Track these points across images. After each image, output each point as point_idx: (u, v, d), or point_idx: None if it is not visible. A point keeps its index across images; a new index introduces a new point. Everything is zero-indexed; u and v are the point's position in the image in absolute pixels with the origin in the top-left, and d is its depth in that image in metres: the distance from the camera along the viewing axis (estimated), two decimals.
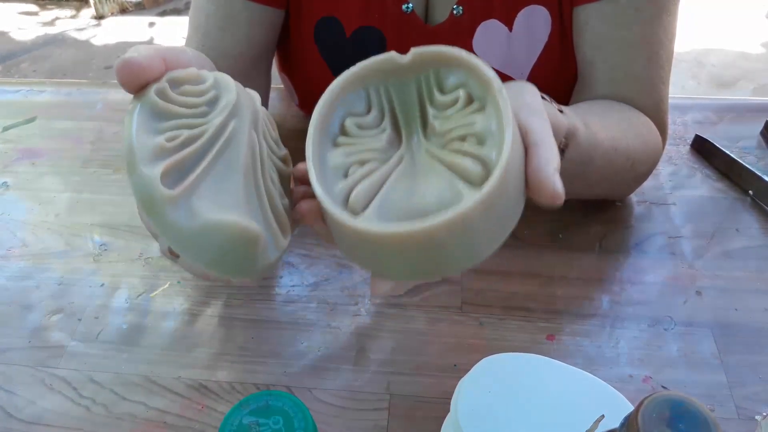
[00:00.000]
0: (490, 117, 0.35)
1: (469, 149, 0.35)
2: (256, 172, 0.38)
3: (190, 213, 0.33)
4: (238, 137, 0.37)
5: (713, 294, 0.59)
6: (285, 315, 0.58)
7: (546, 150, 0.36)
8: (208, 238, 0.33)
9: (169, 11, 3.22)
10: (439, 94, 0.38)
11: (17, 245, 0.66)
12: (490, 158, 0.34)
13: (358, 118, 0.39)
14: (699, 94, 2.47)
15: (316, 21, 0.66)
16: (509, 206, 0.35)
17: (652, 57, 0.61)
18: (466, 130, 0.36)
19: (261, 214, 0.37)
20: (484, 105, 0.37)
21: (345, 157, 0.37)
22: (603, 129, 0.54)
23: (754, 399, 0.51)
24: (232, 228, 0.33)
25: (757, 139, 0.77)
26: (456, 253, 0.34)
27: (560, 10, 0.62)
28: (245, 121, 0.38)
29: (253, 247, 0.34)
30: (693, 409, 0.28)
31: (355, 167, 0.37)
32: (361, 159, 0.37)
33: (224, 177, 0.35)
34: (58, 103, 0.86)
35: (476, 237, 0.34)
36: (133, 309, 0.59)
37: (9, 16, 3.21)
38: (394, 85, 0.39)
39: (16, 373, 0.54)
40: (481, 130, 0.35)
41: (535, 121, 0.37)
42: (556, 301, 0.59)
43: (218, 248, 0.33)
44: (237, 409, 0.35)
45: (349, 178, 0.36)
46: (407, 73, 0.39)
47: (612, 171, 0.58)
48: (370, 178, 0.36)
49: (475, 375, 0.45)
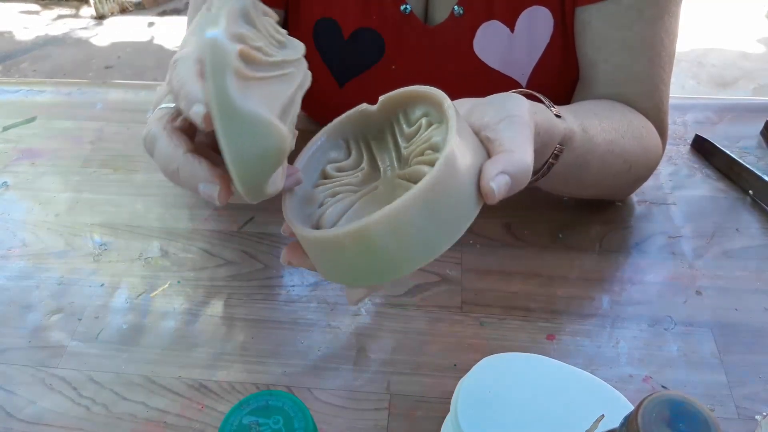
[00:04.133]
0: (445, 130, 0.38)
1: (425, 159, 0.38)
2: (288, 113, 0.39)
3: (246, 96, 0.33)
4: (292, 81, 0.39)
5: (713, 294, 0.59)
6: (285, 315, 0.58)
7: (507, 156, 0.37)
8: (251, 126, 0.33)
9: (169, 11, 3.22)
10: (407, 127, 0.42)
11: (17, 245, 0.66)
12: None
13: (338, 163, 0.43)
14: (699, 94, 2.47)
15: (314, 22, 0.66)
16: (451, 204, 0.36)
17: (653, 58, 0.61)
18: (424, 146, 0.39)
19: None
20: (440, 122, 0.40)
21: (320, 194, 0.41)
22: (601, 132, 0.54)
23: (754, 399, 0.51)
24: (275, 129, 0.33)
25: (757, 139, 0.77)
26: (394, 252, 0.35)
27: (562, 10, 0.62)
28: (300, 76, 0.40)
29: (281, 156, 0.35)
30: (693, 409, 0.28)
31: (329, 199, 0.41)
32: (334, 192, 0.41)
33: (277, 95, 0.37)
34: (58, 103, 0.86)
35: (413, 234, 0.35)
36: (133, 309, 0.59)
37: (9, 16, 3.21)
38: (370, 130, 0.43)
39: (16, 373, 0.54)
40: (437, 141, 0.38)
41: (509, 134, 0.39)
42: (556, 301, 0.59)
43: (254, 140, 0.33)
44: (237, 409, 0.35)
45: (321, 207, 0.40)
46: (379, 118, 0.43)
47: (609, 173, 0.58)
48: (339, 204, 0.40)
49: (475, 375, 0.45)
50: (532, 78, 0.66)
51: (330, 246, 0.36)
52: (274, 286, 0.61)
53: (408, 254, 0.36)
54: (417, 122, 0.41)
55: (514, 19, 0.63)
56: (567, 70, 0.66)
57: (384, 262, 0.36)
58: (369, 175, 0.42)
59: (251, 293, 0.60)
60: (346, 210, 0.40)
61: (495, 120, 0.40)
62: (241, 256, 0.64)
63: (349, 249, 0.36)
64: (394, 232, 0.34)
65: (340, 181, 0.42)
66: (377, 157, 0.43)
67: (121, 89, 0.89)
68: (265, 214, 0.67)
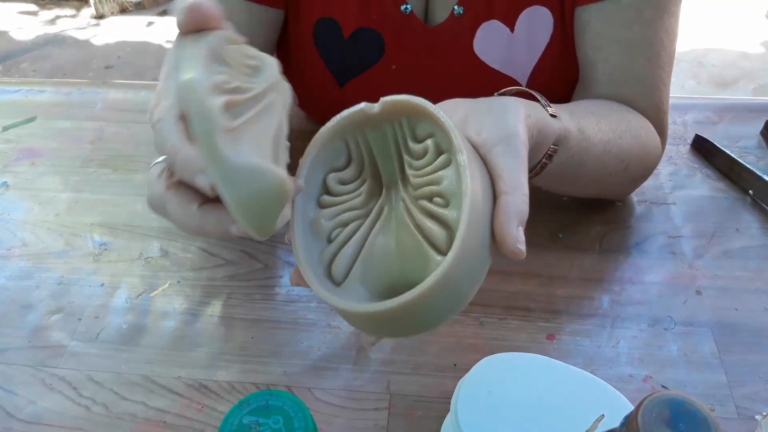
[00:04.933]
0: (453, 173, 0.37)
1: (434, 210, 0.37)
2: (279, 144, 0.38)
3: (238, 150, 0.33)
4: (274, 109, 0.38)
5: (713, 294, 0.59)
6: (285, 315, 0.58)
7: (514, 201, 0.37)
8: (250, 178, 0.33)
9: (169, 11, 3.22)
10: (412, 142, 0.39)
11: (17, 245, 0.66)
12: (453, 220, 0.36)
13: (339, 173, 0.41)
14: (699, 94, 2.47)
15: (315, 22, 0.66)
16: (475, 263, 0.36)
17: (652, 58, 0.61)
18: (433, 189, 0.38)
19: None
20: (450, 159, 0.38)
21: (328, 221, 0.40)
22: (598, 132, 0.54)
23: (754, 399, 0.51)
24: (273, 176, 0.34)
25: (757, 139, 0.77)
26: (425, 318, 0.36)
27: (562, 10, 0.62)
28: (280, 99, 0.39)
29: (284, 199, 0.35)
30: (693, 409, 0.28)
31: (338, 230, 0.39)
32: (343, 220, 0.40)
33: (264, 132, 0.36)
34: (58, 103, 0.86)
35: (443, 303, 0.36)
36: (133, 309, 0.59)
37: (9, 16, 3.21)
38: (371, 134, 0.41)
39: (16, 373, 0.54)
40: (447, 189, 0.37)
41: (507, 165, 0.38)
42: (556, 301, 0.59)
43: (255, 190, 0.33)
44: (237, 409, 0.35)
45: (332, 244, 0.39)
46: (381, 121, 0.40)
47: (605, 173, 0.58)
48: (350, 243, 0.39)
49: (475, 375, 0.45)
50: (531, 78, 0.66)
51: (357, 318, 0.37)
52: (274, 286, 0.61)
53: (436, 319, 0.37)
54: (423, 142, 0.39)
55: (514, 18, 0.63)
56: (567, 69, 0.66)
57: (411, 326, 0.37)
58: (372, 189, 0.41)
59: (251, 293, 0.60)
60: (358, 251, 0.39)
61: (494, 139, 0.39)
62: (241, 256, 0.64)
63: (375, 321, 0.36)
64: (423, 309, 0.35)
65: (344, 204, 0.40)
66: (379, 165, 0.41)
67: (121, 89, 0.89)
68: None
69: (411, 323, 0.36)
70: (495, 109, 0.42)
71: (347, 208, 0.40)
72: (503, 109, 0.41)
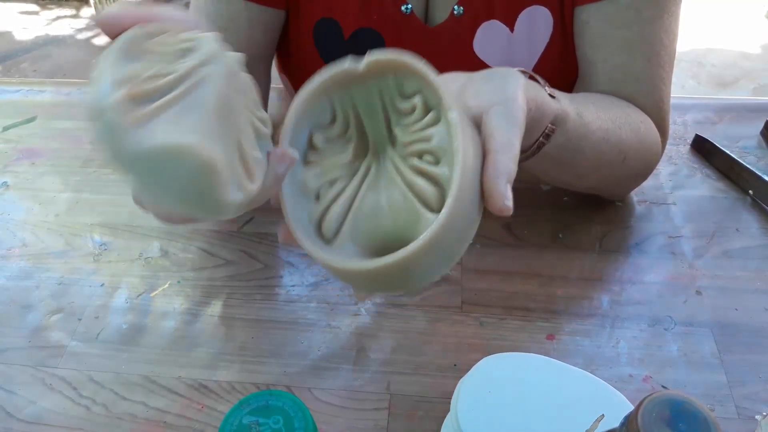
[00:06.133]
0: (444, 131, 0.37)
1: (425, 168, 0.37)
2: (227, 116, 0.36)
3: (149, 135, 0.31)
4: (210, 83, 0.35)
5: (713, 294, 0.59)
6: (285, 315, 0.58)
7: (503, 159, 0.37)
8: (166, 162, 0.31)
9: None
10: (399, 100, 0.39)
11: (17, 245, 0.66)
12: (445, 178, 0.36)
13: (325, 131, 0.40)
14: (699, 94, 2.47)
15: (315, 22, 0.66)
16: (466, 221, 0.36)
17: (652, 57, 0.61)
18: (423, 146, 0.37)
19: (225, 149, 0.35)
20: (438, 116, 0.38)
21: (316, 179, 0.39)
22: (596, 120, 0.54)
23: (754, 399, 0.51)
24: (189, 150, 0.31)
25: (757, 139, 0.77)
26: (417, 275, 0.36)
27: (561, 10, 0.62)
28: (220, 71, 0.36)
29: (212, 174, 0.32)
30: (693, 409, 0.28)
31: (326, 188, 0.39)
32: (331, 178, 0.39)
33: (191, 110, 0.34)
34: (58, 103, 0.86)
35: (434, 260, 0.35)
36: (133, 309, 0.59)
37: (9, 16, 3.21)
38: (357, 92, 0.40)
39: (16, 373, 0.54)
40: (437, 147, 0.37)
41: (501, 127, 0.38)
42: (556, 301, 0.59)
43: (175, 173, 0.31)
44: (237, 409, 0.35)
45: (320, 202, 0.39)
46: (367, 79, 0.39)
47: (603, 162, 0.58)
48: (339, 201, 0.38)
49: (475, 375, 0.45)
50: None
51: (343, 273, 0.37)
52: (273, 286, 0.61)
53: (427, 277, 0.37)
54: (411, 99, 0.39)
55: (513, 18, 0.63)
56: (566, 69, 0.66)
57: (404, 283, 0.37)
58: (359, 149, 0.40)
59: (251, 293, 0.60)
60: (347, 210, 0.38)
61: (491, 102, 0.39)
62: (241, 256, 0.64)
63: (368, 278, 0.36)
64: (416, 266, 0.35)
65: (331, 161, 0.40)
66: (365, 124, 0.41)
67: None
68: (265, 214, 0.67)
69: (403, 280, 0.36)
70: (495, 76, 0.42)
71: (334, 165, 0.40)
72: (503, 76, 0.41)
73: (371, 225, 0.38)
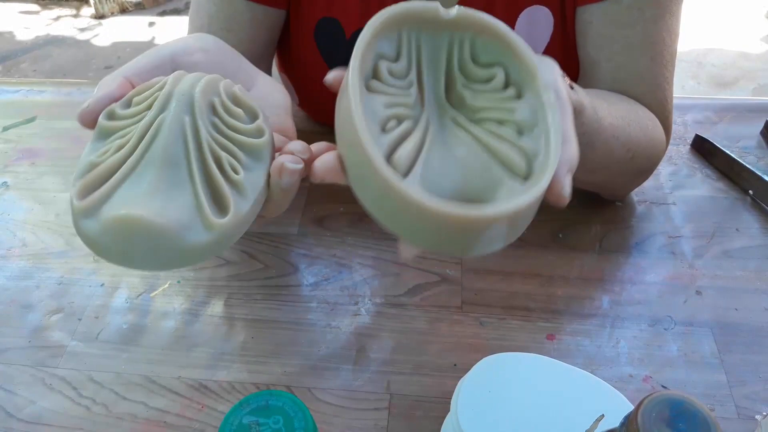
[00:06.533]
0: (531, 107, 0.36)
1: (509, 137, 0.36)
2: (186, 159, 0.36)
3: (98, 218, 0.34)
4: (164, 130, 0.36)
5: (713, 294, 0.59)
6: (285, 315, 0.58)
7: (565, 149, 0.37)
8: (110, 237, 0.33)
9: (169, 11, 3.22)
10: (473, 65, 0.38)
11: (17, 245, 0.66)
12: (534, 153, 0.35)
13: (390, 63, 0.38)
14: (699, 93, 2.47)
15: (316, 22, 0.66)
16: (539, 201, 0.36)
17: (655, 57, 0.61)
18: (503, 115, 0.37)
19: (185, 200, 0.35)
20: (521, 91, 0.37)
21: (384, 109, 0.36)
22: (608, 116, 0.54)
23: (754, 399, 0.51)
24: (122, 221, 0.33)
25: (757, 139, 0.77)
26: (491, 240, 0.34)
27: (562, 10, 0.62)
28: (176, 111, 0.37)
29: (159, 236, 0.33)
30: (693, 409, 0.28)
31: (393, 122, 0.36)
32: (398, 115, 0.36)
33: (143, 174, 0.35)
34: (58, 103, 0.86)
35: (514, 229, 0.35)
36: (133, 309, 0.59)
37: (9, 16, 3.21)
38: (426, 37, 0.38)
39: (16, 373, 0.54)
40: (522, 120, 0.36)
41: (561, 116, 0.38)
42: (557, 301, 0.59)
43: (124, 242, 0.33)
44: (237, 409, 0.35)
45: (389, 134, 0.35)
46: (444, 28, 0.38)
47: (612, 160, 0.58)
48: (410, 141, 0.36)
49: (475, 375, 0.45)
50: None
51: (426, 215, 0.32)
52: (274, 286, 0.61)
53: (493, 245, 0.35)
54: (488, 67, 0.37)
55: (514, 18, 0.63)
56: (567, 69, 0.65)
57: (470, 246, 0.34)
58: (417, 96, 0.38)
59: (251, 293, 0.60)
60: (417, 152, 0.35)
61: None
62: (241, 256, 0.64)
63: (450, 228, 0.33)
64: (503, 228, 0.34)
65: (398, 98, 0.37)
66: (424, 74, 0.38)
67: None
68: None
69: (474, 239, 0.34)
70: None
71: (400, 102, 0.37)
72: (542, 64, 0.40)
73: (443, 175, 0.35)
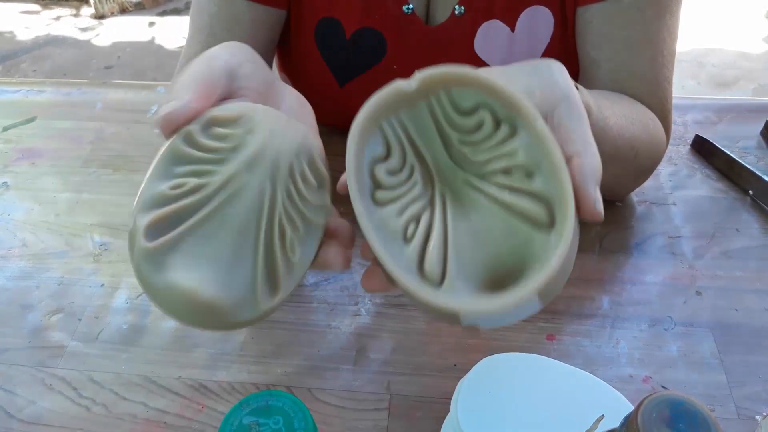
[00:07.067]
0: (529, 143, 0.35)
1: (520, 186, 0.35)
2: (257, 230, 0.36)
3: (161, 268, 0.34)
4: (245, 193, 0.36)
5: (713, 294, 0.59)
6: (285, 315, 0.58)
7: (588, 162, 0.35)
8: (168, 296, 0.34)
9: (169, 11, 3.22)
10: (458, 116, 0.37)
11: (17, 245, 0.66)
12: (547, 192, 0.34)
13: (384, 163, 0.37)
14: (699, 94, 2.47)
15: (317, 21, 0.66)
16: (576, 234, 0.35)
17: (655, 57, 0.61)
18: (507, 162, 0.35)
19: (244, 276, 0.36)
20: (514, 127, 0.35)
21: (397, 218, 0.36)
22: (613, 115, 0.53)
23: (754, 399, 0.51)
24: (186, 294, 0.34)
25: (757, 139, 0.77)
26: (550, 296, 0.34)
27: (563, 10, 0.62)
28: (261, 175, 0.36)
29: (210, 313, 0.34)
30: (693, 409, 0.28)
31: (412, 226, 0.36)
32: (413, 215, 0.36)
33: (214, 233, 0.35)
34: (58, 103, 0.86)
35: (561, 278, 0.34)
36: (133, 309, 0.59)
37: (9, 16, 3.21)
38: (406, 115, 0.38)
39: (16, 373, 0.54)
40: (526, 161, 0.35)
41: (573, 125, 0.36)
42: (557, 301, 0.59)
43: (176, 307, 0.34)
44: (237, 409, 0.35)
45: (412, 244, 0.35)
46: (416, 100, 0.37)
47: (617, 158, 0.57)
48: (433, 237, 0.35)
49: (475, 375, 0.45)
50: None
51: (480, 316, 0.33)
52: None
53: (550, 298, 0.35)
54: (472, 114, 0.36)
55: (514, 18, 0.63)
56: (567, 69, 0.66)
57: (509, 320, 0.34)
58: (424, 176, 0.38)
59: None
60: (443, 246, 0.35)
61: (551, 100, 0.37)
62: None
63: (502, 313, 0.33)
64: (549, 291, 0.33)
65: (405, 196, 0.36)
66: (421, 150, 0.38)
67: (121, 89, 0.89)
68: None
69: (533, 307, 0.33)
70: (541, 69, 0.40)
71: (410, 200, 0.36)
72: (549, 69, 0.40)
73: (476, 258, 0.35)
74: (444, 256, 0.35)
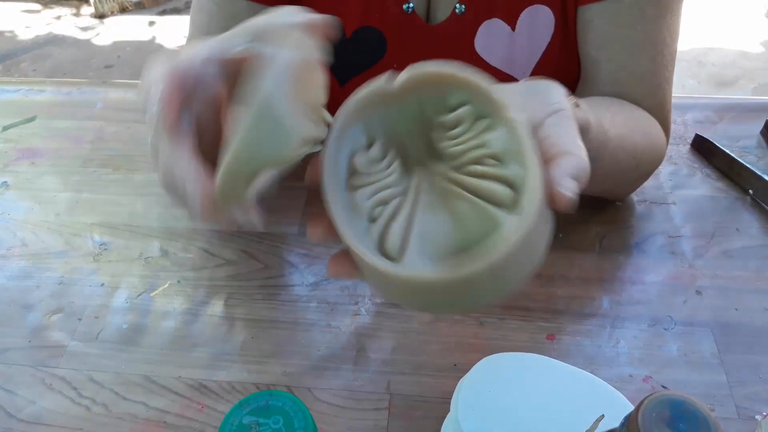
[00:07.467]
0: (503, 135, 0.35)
1: (490, 171, 0.35)
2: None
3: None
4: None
5: (713, 294, 0.59)
6: (285, 315, 0.58)
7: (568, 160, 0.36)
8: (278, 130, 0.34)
9: (169, 10, 3.21)
10: (443, 114, 0.38)
11: (17, 245, 0.66)
12: (517, 177, 0.34)
13: (364, 152, 0.38)
14: (699, 93, 2.47)
15: None
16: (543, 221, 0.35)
17: (656, 56, 0.61)
18: (482, 152, 0.36)
19: None
20: (494, 123, 0.36)
21: (366, 201, 0.37)
22: (613, 126, 0.53)
23: (754, 399, 0.51)
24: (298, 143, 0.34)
25: (757, 139, 0.77)
26: (506, 279, 0.34)
27: (564, 9, 0.62)
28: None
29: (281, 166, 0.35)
30: (693, 409, 0.28)
31: (379, 209, 0.37)
32: (382, 198, 0.37)
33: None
34: (58, 103, 0.86)
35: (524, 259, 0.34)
36: (133, 309, 0.59)
37: (10, 16, 3.21)
38: (394, 111, 0.38)
39: (16, 373, 0.54)
40: (499, 150, 0.35)
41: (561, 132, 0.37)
42: (557, 301, 0.59)
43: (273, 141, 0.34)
44: (237, 409, 0.35)
45: (377, 222, 0.36)
46: (404, 96, 0.38)
47: (618, 169, 0.58)
48: (398, 218, 0.36)
49: (475, 375, 0.45)
50: (533, 76, 0.66)
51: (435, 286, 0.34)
52: (274, 286, 0.61)
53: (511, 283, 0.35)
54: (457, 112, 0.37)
55: (515, 17, 0.63)
56: (568, 68, 0.66)
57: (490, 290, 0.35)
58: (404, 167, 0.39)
59: (251, 293, 0.60)
60: (408, 226, 0.36)
61: (542, 114, 0.38)
62: (241, 256, 0.64)
63: (452, 288, 0.34)
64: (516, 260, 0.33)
65: (379, 182, 0.38)
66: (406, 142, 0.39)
67: (121, 89, 0.89)
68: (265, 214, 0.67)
69: (490, 287, 0.34)
70: (538, 88, 0.41)
71: (383, 186, 0.38)
72: (546, 88, 0.41)
73: (440, 240, 0.36)
74: (406, 236, 0.36)
